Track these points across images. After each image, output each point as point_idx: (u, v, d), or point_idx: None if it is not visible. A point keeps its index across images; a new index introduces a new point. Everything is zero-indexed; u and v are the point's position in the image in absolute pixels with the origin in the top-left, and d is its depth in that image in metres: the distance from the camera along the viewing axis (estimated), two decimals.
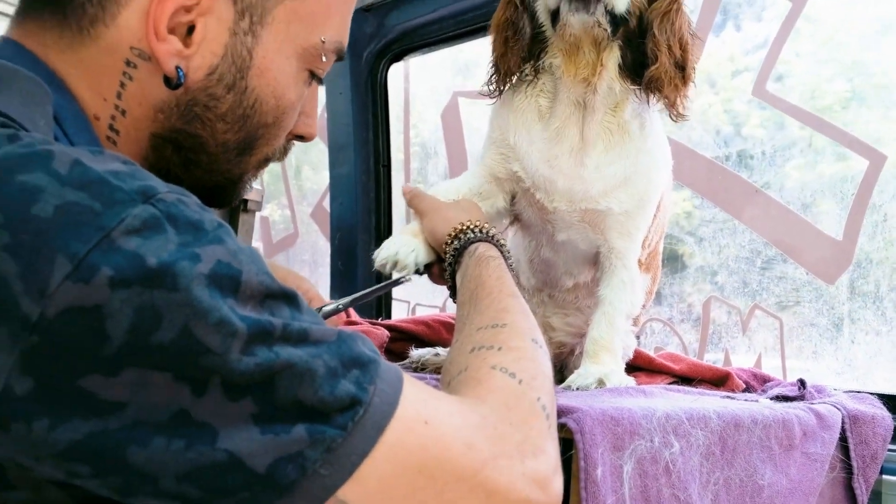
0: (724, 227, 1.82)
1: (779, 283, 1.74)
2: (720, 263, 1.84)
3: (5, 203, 0.54)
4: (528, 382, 0.80)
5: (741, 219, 1.79)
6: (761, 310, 1.77)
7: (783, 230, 1.73)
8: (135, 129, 0.79)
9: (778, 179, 1.74)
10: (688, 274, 1.90)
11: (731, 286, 1.82)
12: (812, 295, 1.70)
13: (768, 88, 1.75)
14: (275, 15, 0.81)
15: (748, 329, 1.79)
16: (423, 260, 1.17)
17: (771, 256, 1.75)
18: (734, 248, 1.81)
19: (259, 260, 0.63)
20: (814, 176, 1.69)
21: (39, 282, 0.52)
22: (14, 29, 0.78)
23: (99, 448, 0.55)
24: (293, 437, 0.59)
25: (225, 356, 0.57)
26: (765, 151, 1.77)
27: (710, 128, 1.86)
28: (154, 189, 0.59)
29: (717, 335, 1.84)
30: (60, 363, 0.53)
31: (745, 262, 1.79)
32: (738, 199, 1.79)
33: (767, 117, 1.77)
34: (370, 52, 2.57)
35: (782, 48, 1.73)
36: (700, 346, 1.85)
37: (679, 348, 1.90)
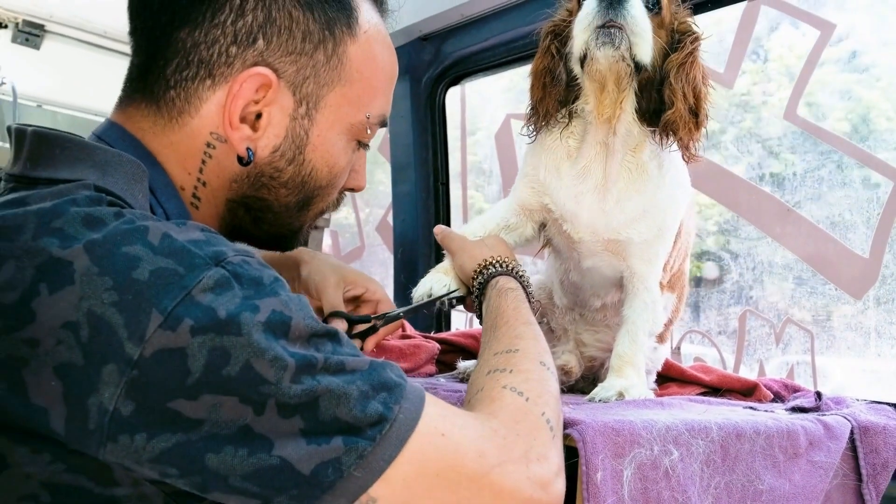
0: (759, 245, 1.92)
1: (810, 297, 1.83)
2: (755, 279, 1.94)
3: (112, 269, 0.72)
4: (535, 400, 0.95)
5: (774, 236, 1.88)
6: (793, 323, 1.86)
7: (813, 248, 1.81)
8: (213, 197, 0.98)
9: (808, 199, 1.83)
10: (725, 289, 2.00)
11: (765, 301, 1.91)
12: (841, 310, 1.78)
13: (799, 113, 1.84)
14: (327, 101, 0.99)
15: (781, 341, 1.88)
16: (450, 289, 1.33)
17: (802, 272, 1.84)
18: (768, 264, 1.90)
19: (306, 307, 0.81)
20: (842, 196, 1.77)
21: (139, 330, 0.70)
22: (117, 113, 0.98)
23: (183, 454, 0.73)
24: (332, 446, 0.76)
25: (278, 384, 0.74)
26: (796, 172, 1.85)
27: (745, 150, 1.96)
28: (224, 254, 0.77)
29: (752, 347, 1.93)
30: (154, 391, 0.71)
31: (777, 277, 1.88)
32: (772, 218, 1.88)
33: (798, 140, 1.86)
34: (428, 78, 2.74)
35: (811, 74, 1.81)
36: (736, 357, 1.95)
37: (717, 359, 2.00)
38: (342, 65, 0.99)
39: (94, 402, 0.70)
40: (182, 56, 0.92)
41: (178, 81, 0.93)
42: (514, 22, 2.34)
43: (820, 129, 1.81)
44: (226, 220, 1.02)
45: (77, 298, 0.71)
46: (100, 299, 0.71)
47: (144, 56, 0.95)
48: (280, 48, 0.94)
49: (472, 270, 1.30)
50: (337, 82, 0.99)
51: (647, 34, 1.30)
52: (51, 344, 0.70)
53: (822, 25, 1.79)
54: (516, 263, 1.30)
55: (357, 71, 1.00)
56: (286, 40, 0.94)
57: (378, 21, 1.05)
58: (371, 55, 1.02)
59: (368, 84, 1.03)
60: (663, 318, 1.47)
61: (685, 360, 2.04)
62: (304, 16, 0.95)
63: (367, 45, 1.01)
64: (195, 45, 0.92)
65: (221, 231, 1.03)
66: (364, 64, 1.01)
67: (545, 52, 1.42)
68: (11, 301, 0.71)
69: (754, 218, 1.92)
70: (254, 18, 0.92)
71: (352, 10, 0.99)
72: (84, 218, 0.76)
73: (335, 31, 0.97)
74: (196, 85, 0.93)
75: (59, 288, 0.71)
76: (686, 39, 1.36)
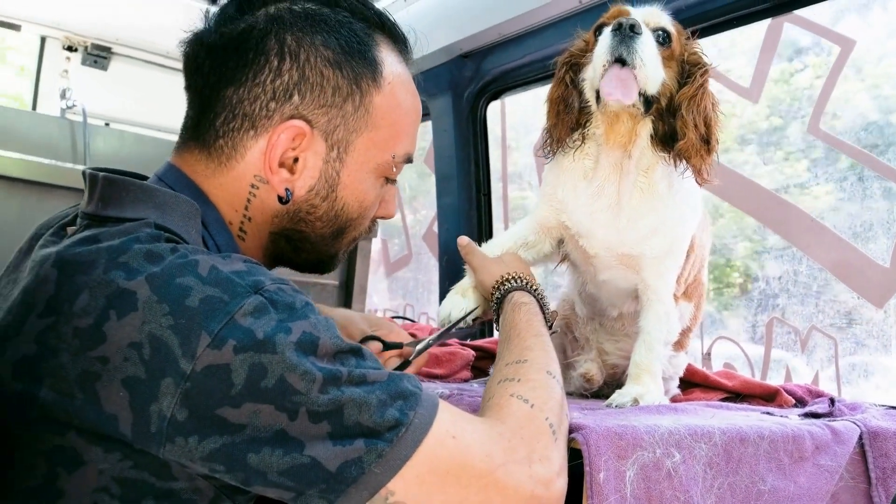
0: (784, 254, 1.98)
1: (833, 305, 1.89)
2: (781, 287, 2.00)
3: (169, 298, 0.86)
4: (540, 406, 1.06)
5: (799, 246, 1.94)
6: (818, 330, 1.92)
7: (836, 257, 1.87)
8: (257, 230, 1.12)
9: (831, 210, 1.89)
10: (752, 296, 2.06)
11: (791, 308, 1.97)
12: (863, 317, 1.83)
13: (821, 126, 1.90)
14: (356, 145, 1.12)
15: (806, 348, 1.94)
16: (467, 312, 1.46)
17: (826, 281, 1.90)
18: (793, 273, 1.96)
19: (333, 328, 0.93)
20: (863, 208, 1.83)
21: (191, 349, 0.84)
22: (175, 156, 1.13)
23: (228, 454, 0.86)
24: (355, 447, 0.89)
25: (308, 395, 0.87)
26: (819, 184, 1.91)
27: (770, 162, 2.02)
28: (262, 283, 0.90)
29: (779, 353, 2.00)
30: (204, 400, 0.84)
31: (802, 286, 1.94)
32: (796, 228, 1.95)
33: (821, 153, 1.91)
34: (470, 93, 2.86)
35: (833, 89, 1.87)
36: (764, 362, 2.01)
37: (745, 363, 2.06)
38: (369, 113, 1.12)
39: (154, 409, 0.84)
40: (229, 110, 1.06)
41: (226, 132, 1.07)
42: (550, 40, 2.44)
43: (841, 142, 1.87)
44: (269, 249, 1.16)
45: (140, 322, 0.85)
46: (158, 323, 0.85)
47: (197, 110, 1.09)
48: (313, 102, 1.07)
49: (490, 286, 1.41)
50: (364, 129, 1.12)
51: (656, 70, 1.40)
52: (119, 361, 0.84)
53: (842, 42, 1.84)
54: (532, 279, 1.40)
55: (382, 117, 1.13)
56: (318, 95, 1.07)
57: (401, 70, 1.17)
58: (395, 103, 1.15)
59: (393, 128, 1.15)
60: (678, 327, 1.56)
61: (716, 364, 2.12)
62: (334, 73, 1.08)
63: (391, 94, 1.14)
64: (240, 101, 1.06)
65: (265, 259, 1.17)
66: (388, 111, 1.14)
67: (560, 82, 1.52)
68: (86, 325, 0.86)
69: (780, 228, 1.99)
70: (290, 78, 1.06)
71: (377, 65, 1.12)
72: (146, 254, 0.90)
73: (362, 84, 1.10)
74: (241, 135, 1.07)
75: (125, 314, 0.85)
76: (696, 72, 1.44)
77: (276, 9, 1.08)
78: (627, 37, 1.38)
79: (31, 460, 0.89)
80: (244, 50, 1.06)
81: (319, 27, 1.08)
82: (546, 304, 1.39)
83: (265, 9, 1.08)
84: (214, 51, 1.07)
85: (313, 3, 1.10)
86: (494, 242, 1.57)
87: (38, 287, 0.91)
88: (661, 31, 1.45)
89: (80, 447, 0.87)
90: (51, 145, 2.96)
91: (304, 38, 1.07)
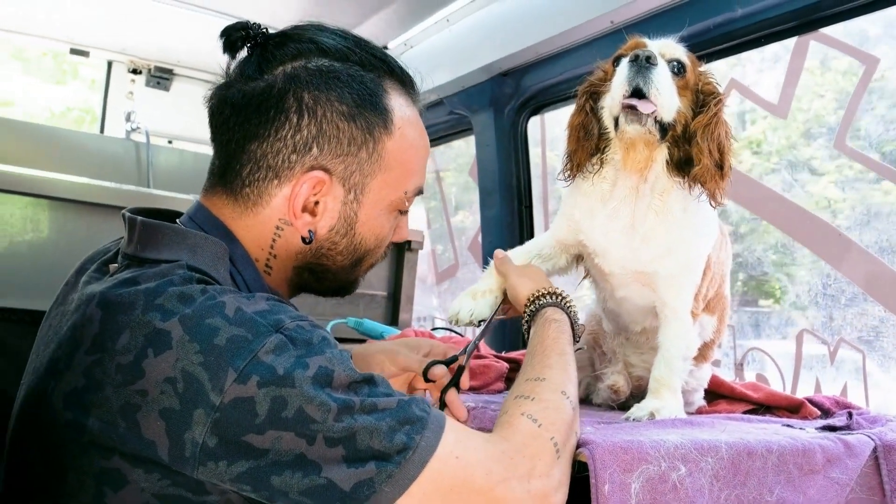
0: (813, 267, 2.02)
1: (860, 318, 1.92)
2: (810, 300, 2.03)
3: (199, 337, 0.98)
4: (547, 426, 1.15)
5: (827, 259, 1.98)
6: (846, 343, 1.95)
7: (863, 270, 1.90)
8: (282, 265, 1.24)
9: (858, 225, 1.92)
10: (784, 309, 2.10)
11: (820, 320, 2.01)
12: (890, 330, 1.86)
13: (848, 142, 1.93)
14: (371, 187, 1.23)
15: (835, 360, 1.97)
16: (478, 317, 1.56)
17: (854, 294, 1.93)
18: (821, 286, 2.00)
19: (347, 360, 1.04)
20: (889, 223, 1.86)
21: (219, 384, 0.95)
22: (204, 197, 1.25)
23: (254, 476, 0.97)
24: (367, 469, 0.99)
25: (324, 423, 0.97)
26: (846, 199, 1.95)
27: (799, 177, 2.06)
28: (282, 321, 1.01)
29: (808, 364, 2.03)
30: (232, 428, 0.96)
31: (830, 299, 1.98)
32: (824, 242, 1.98)
33: (848, 168, 1.95)
34: (510, 109, 2.95)
35: (858, 106, 1.90)
36: (794, 373, 2.05)
37: (776, 375, 2.10)
38: (381, 158, 1.22)
39: (188, 436, 0.96)
40: (254, 163, 1.18)
41: (252, 181, 1.19)
42: (584, 59, 2.51)
43: (867, 157, 1.90)
44: (293, 281, 1.27)
45: (174, 360, 0.97)
46: (190, 360, 0.97)
47: (224, 160, 1.21)
48: (331, 153, 1.18)
49: (524, 298, 1.48)
50: (378, 171, 1.23)
51: (671, 99, 1.46)
52: (156, 394, 0.96)
53: (866, 59, 1.87)
54: (566, 296, 1.47)
55: (394, 159, 1.24)
56: (335, 146, 1.18)
57: (410, 112, 1.27)
58: (405, 145, 1.25)
59: (404, 167, 1.26)
60: (697, 343, 1.62)
61: (748, 375, 2.16)
62: (349, 125, 1.18)
63: (402, 137, 1.24)
64: (264, 154, 1.17)
65: (289, 289, 1.28)
66: (399, 153, 1.24)
67: (580, 110, 1.60)
68: (127, 362, 0.98)
69: (809, 242, 2.02)
70: (308, 132, 1.17)
71: (387, 113, 1.22)
72: (179, 295, 1.02)
73: (374, 132, 1.21)
74: (266, 184, 1.18)
75: (161, 352, 0.97)
76: (710, 101, 1.50)
77: (293, 67, 1.18)
78: (644, 67, 1.45)
79: (81, 481, 1.01)
80: (266, 108, 1.17)
81: (333, 83, 1.18)
82: (576, 319, 1.47)
83: (283, 67, 1.19)
84: (238, 108, 1.18)
85: (326, 59, 1.20)
86: (515, 252, 1.66)
87: (84, 325, 1.04)
88: (676, 62, 1.52)
89: (123, 469, 0.99)
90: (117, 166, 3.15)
91: (319, 95, 1.17)
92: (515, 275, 1.54)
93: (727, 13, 2.05)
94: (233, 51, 1.23)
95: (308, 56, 1.20)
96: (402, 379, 1.52)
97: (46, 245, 2.19)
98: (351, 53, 1.22)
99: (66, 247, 2.23)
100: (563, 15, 2.44)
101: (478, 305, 1.58)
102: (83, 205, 2.25)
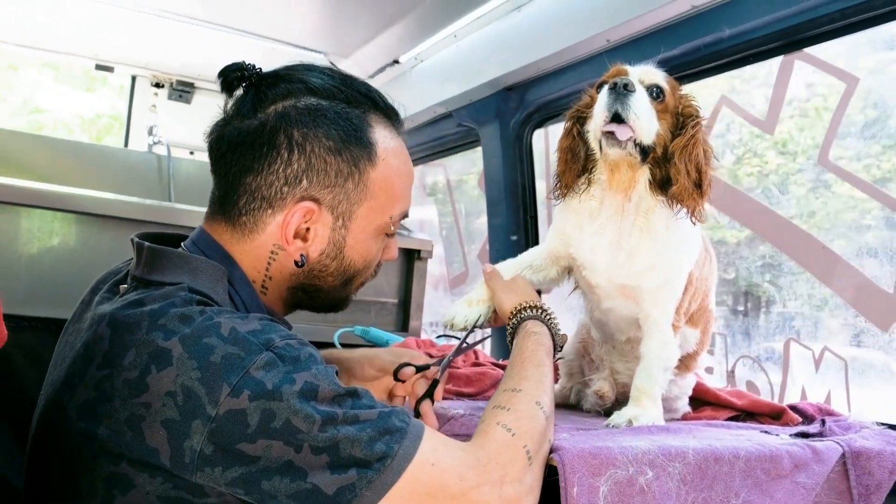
0: (799, 279, 2.09)
1: (843, 328, 1.99)
2: (796, 310, 2.11)
3: (197, 355, 1.09)
4: (520, 435, 1.24)
5: (811, 271, 2.05)
6: (830, 352, 2.03)
7: (845, 282, 1.97)
8: (277, 286, 1.35)
9: (840, 237, 1.99)
10: (772, 319, 2.18)
11: (806, 330, 2.08)
12: (870, 339, 1.93)
13: (830, 158, 2.01)
14: (357, 214, 1.34)
15: (820, 368, 2.05)
16: (471, 323, 1.66)
17: (837, 305, 2.00)
18: (806, 296, 2.08)
19: (331, 376, 1.14)
20: (869, 236, 1.93)
21: (215, 397, 1.06)
22: (206, 223, 1.37)
23: (246, 481, 1.08)
24: (349, 475, 1.09)
25: (309, 433, 1.08)
26: (829, 213, 2.02)
27: (786, 191, 2.13)
28: (272, 340, 1.12)
29: (795, 372, 2.11)
30: (226, 437, 1.07)
31: (815, 309, 2.05)
32: (809, 254, 2.06)
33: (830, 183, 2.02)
34: (515, 122, 3.04)
35: (839, 123, 1.97)
36: (782, 381, 2.13)
37: (765, 382, 2.18)
38: (367, 187, 1.33)
39: (187, 444, 1.07)
40: (249, 194, 1.29)
41: (248, 211, 1.30)
42: (584, 75, 2.60)
43: (848, 173, 1.97)
44: (288, 300, 1.38)
45: (175, 375, 1.08)
46: (189, 376, 1.08)
47: (223, 190, 1.33)
48: (319, 184, 1.29)
49: (508, 311, 1.58)
50: (364, 199, 1.33)
51: (649, 123, 1.55)
52: (158, 406, 1.08)
53: (846, 78, 1.95)
54: (547, 309, 1.57)
55: (379, 188, 1.35)
56: (323, 178, 1.29)
57: (394, 143, 1.38)
58: (389, 174, 1.36)
59: (388, 195, 1.36)
60: (677, 353, 1.70)
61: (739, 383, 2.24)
62: (335, 159, 1.29)
63: (386, 167, 1.35)
64: (258, 186, 1.28)
65: (284, 307, 1.39)
66: (383, 182, 1.35)
67: (568, 133, 1.69)
68: (133, 377, 1.09)
69: (795, 254, 2.10)
70: (298, 166, 1.28)
71: (371, 146, 1.33)
72: (179, 316, 1.13)
73: (359, 165, 1.31)
74: (261, 213, 1.30)
75: (163, 368, 1.09)
76: (689, 123, 1.59)
77: (284, 106, 1.30)
78: (622, 94, 1.55)
79: (92, 485, 1.13)
80: (259, 144, 1.28)
81: (321, 121, 1.29)
82: (556, 330, 1.56)
83: (274, 106, 1.30)
84: (234, 145, 1.30)
85: (315, 98, 1.31)
86: (507, 264, 1.76)
87: (96, 342, 1.16)
88: (655, 87, 1.61)
89: (130, 474, 1.11)
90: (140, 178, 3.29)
91: (308, 132, 1.28)
92: (501, 289, 1.64)
93: (716, 33, 2.13)
94: (230, 90, 1.34)
95: (298, 95, 1.31)
96: (383, 383, 1.63)
97: (72, 257, 2.32)
98: (337, 92, 1.33)
99: (90, 258, 2.35)
100: (562, 33, 2.53)
101: (472, 312, 1.68)
102: (106, 218, 2.37)
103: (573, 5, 2.51)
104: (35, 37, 3.50)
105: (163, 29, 3.30)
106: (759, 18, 2.03)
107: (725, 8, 2.08)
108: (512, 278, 1.69)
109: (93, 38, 3.48)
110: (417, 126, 3.55)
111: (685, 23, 2.17)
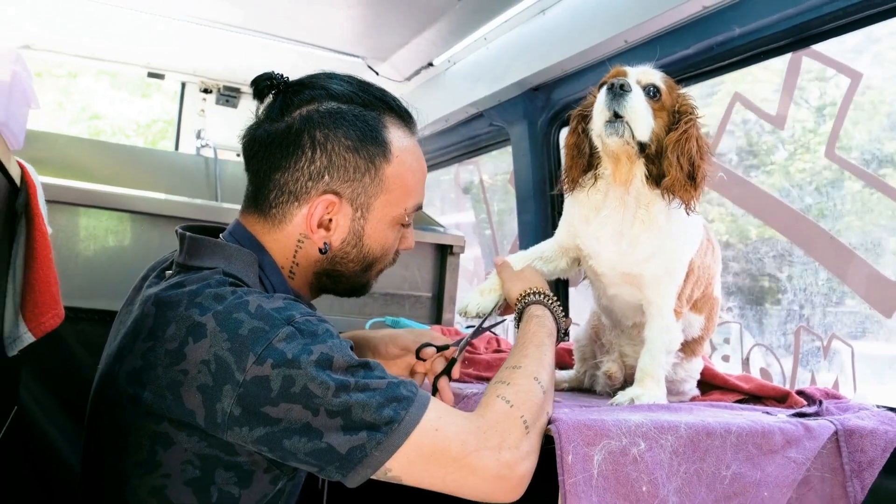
0: (808, 268, 2.17)
1: (849, 315, 2.06)
2: (806, 298, 2.18)
3: (228, 329, 1.24)
4: (518, 406, 1.36)
5: (820, 261, 2.13)
6: (837, 338, 2.10)
7: (851, 271, 2.04)
8: (304, 271, 1.50)
9: (847, 228, 2.06)
10: (783, 307, 2.26)
11: (815, 318, 2.16)
12: (875, 326, 2.00)
13: (837, 151, 2.08)
14: (374, 205, 1.48)
15: (828, 354, 2.12)
16: (485, 311, 1.78)
17: (844, 293, 2.07)
18: (816, 285, 2.15)
19: (346, 348, 1.28)
20: (874, 226, 2.00)
21: (242, 365, 1.21)
22: (241, 215, 1.52)
23: (270, 439, 1.23)
24: (359, 437, 1.23)
25: (324, 398, 1.22)
26: (836, 204, 2.09)
27: (795, 184, 2.21)
28: (293, 316, 1.27)
29: (805, 359, 2.18)
30: (252, 401, 1.21)
31: (823, 297, 2.13)
32: (818, 244, 2.13)
33: (837, 175, 2.09)
34: (542, 121, 3.15)
35: (845, 117, 2.04)
36: (793, 367, 2.20)
37: (777, 368, 2.26)
38: (382, 182, 1.47)
39: (219, 407, 1.22)
40: (278, 189, 1.44)
41: (277, 204, 1.45)
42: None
43: (854, 165, 2.04)
44: (313, 284, 1.53)
45: (208, 346, 1.23)
46: (221, 346, 1.23)
47: (255, 186, 1.48)
48: (340, 179, 1.43)
49: (515, 298, 1.71)
50: (380, 193, 1.48)
51: (644, 120, 1.66)
52: (194, 373, 1.23)
53: (852, 74, 2.01)
54: (551, 294, 1.69)
55: (393, 183, 1.48)
56: (343, 174, 1.43)
57: (407, 142, 1.52)
58: (403, 170, 1.49)
59: (402, 189, 1.50)
60: (679, 337, 1.80)
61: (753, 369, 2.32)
62: (354, 156, 1.44)
63: (400, 164, 1.49)
64: (286, 182, 1.43)
65: (310, 291, 1.54)
66: (398, 177, 1.49)
67: (573, 131, 1.81)
68: (173, 348, 1.25)
69: (805, 244, 2.17)
70: (321, 163, 1.42)
71: (386, 144, 1.47)
72: (214, 295, 1.28)
73: (375, 161, 1.46)
74: (289, 206, 1.45)
75: (198, 340, 1.24)
76: (682, 119, 1.69)
77: (307, 111, 1.45)
78: (619, 94, 1.66)
79: (139, 442, 1.29)
80: (286, 145, 1.43)
81: (340, 122, 1.44)
82: (558, 315, 1.68)
83: (299, 111, 1.45)
84: (264, 145, 1.45)
85: (335, 102, 1.46)
86: (518, 256, 1.89)
87: (143, 319, 1.32)
88: (652, 87, 1.71)
89: (171, 433, 1.27)
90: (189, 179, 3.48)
91: (329, 133, 1.43)
92: (510, 278, 1.77)
93: (726, 32, 2.21)
94: (261, 97, 1.50)
95: (320, 100, 1.46)
96: (405, 361, 1.77)
97: (126, 253, 2.50)
98: (355, 96, 1.47)
99: (142, 254, 2.53)
100: (583, 35, 2.63)
101: (483, 301, 1.81)
102: (158, 217, 2.55)
103: (593, 8, 2.61)
104: (92, 47, 3.72)
105: (210, 38, 3.48)
106: (768, 17, 2.11)
107: (735, 8, 2.17)
108: (521, 268, 1.81)
109: (145, 47, 3.68)
110: (452, 126, 3.68)
111: (697, 23, 2.26)
